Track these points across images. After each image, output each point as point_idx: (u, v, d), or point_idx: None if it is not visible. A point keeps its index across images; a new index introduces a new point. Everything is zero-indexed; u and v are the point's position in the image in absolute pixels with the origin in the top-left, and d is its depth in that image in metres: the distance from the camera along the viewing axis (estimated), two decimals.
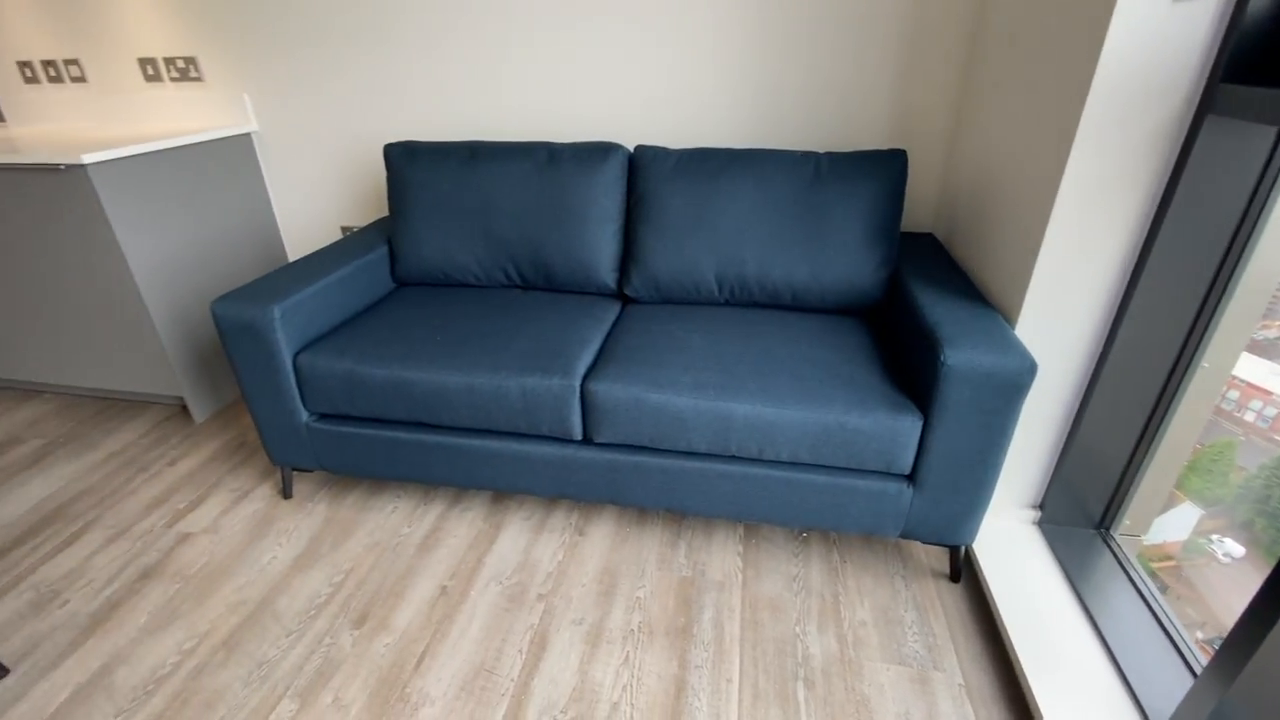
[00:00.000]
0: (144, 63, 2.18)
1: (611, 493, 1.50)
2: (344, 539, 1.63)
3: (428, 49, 1.98)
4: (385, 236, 1.90)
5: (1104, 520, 1.48)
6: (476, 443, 1.51)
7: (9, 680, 1.29)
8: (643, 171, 1.71)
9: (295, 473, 1.86)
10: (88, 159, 1.67)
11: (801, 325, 1.58)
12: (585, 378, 1.42)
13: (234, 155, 2.16)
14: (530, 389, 1.41)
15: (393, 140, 2.14)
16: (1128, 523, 1.46)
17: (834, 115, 1.84)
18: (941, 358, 1.19)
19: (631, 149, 1.95)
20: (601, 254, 1.75)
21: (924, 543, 1.41)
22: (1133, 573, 1.36)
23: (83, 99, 2.28)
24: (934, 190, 1.89)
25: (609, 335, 1.61)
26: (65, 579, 1.53)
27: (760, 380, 1.35)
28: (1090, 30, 1.10)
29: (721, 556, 1.54)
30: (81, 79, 2.25)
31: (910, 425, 1.26)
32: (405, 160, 1.81)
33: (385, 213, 2.30)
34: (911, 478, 1.33)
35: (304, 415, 1.57)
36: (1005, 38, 1.47)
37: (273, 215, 2.36)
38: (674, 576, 1.49)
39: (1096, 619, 1.27)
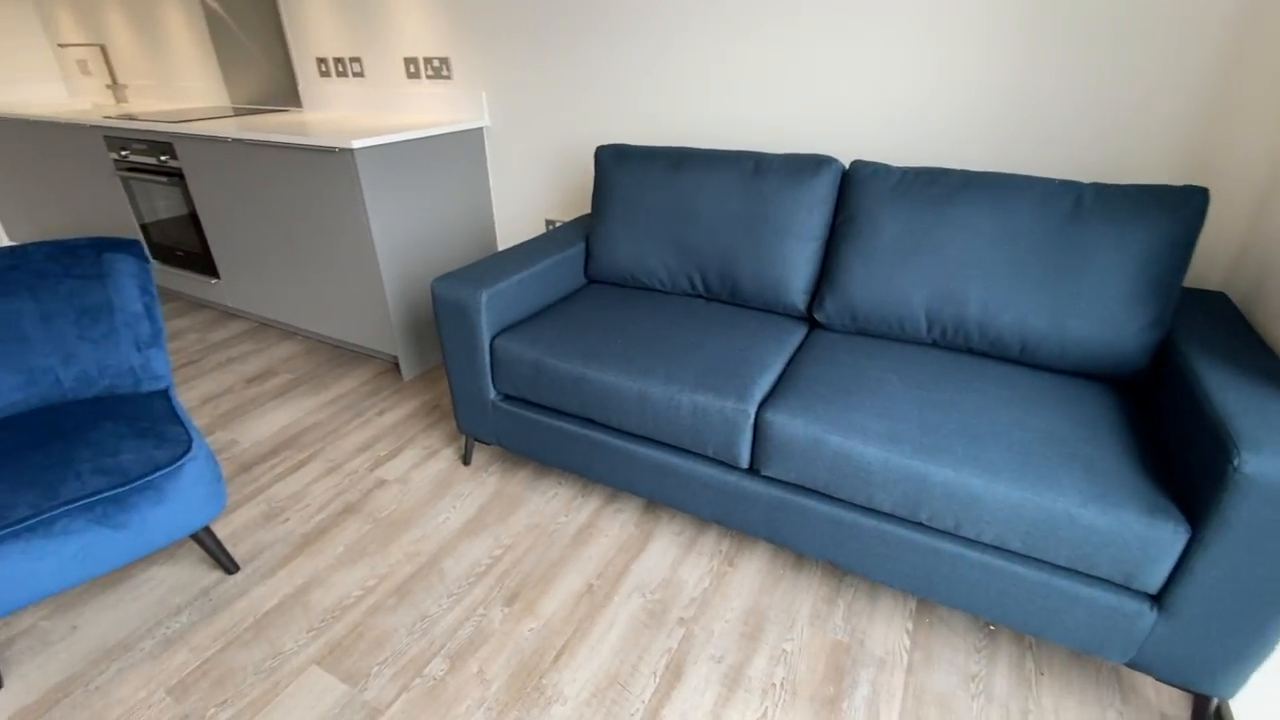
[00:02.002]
0: (408, 62, 2.48)
1: (770, 530, 1.40)
2: (508, 514, 1.72)
3: (645, 57, 2.00)
4: (584, 234, 1.97)
5: None
6: (641, 450, 1.49)
7: (237, 577, 1.54)
8: (857, 189, 1.56)
9: (476, 443, 2.01)
10: (356, 144, 1.93)
11: (1030, 384, 1.34)
12: (762, 405, 1.34)
13: (466, 147, 2.39)
14: (702, 407, 1.36)
15: (604, 142, 2.21)
16: None
17: (1106, 136, 1.53)
18: (1234, 461, 0.92)
19: (846, 164, 1.81)
20: (796, 273, 1.64)
21: (1159, 680, 1.12)
22: None
23: (358, 91, 2.67)
24: (1234, 239, 1.50)
25: (791, 361, 1.51)
26: (290, 499, 1.80)
27: (970, 444, 1.16)
28: None
29: (886, 629, 1.37)
30: (360, 74, 2.64)
31: (1170, 536, 1.00)
32: (614, 162, 1.85)
33: (587, 210, 2.40)
34: (1159, 599, 1.06)
35: (492, 393, 1.68)
36: None
37: (490, 203, 2.58)
38: (827, 637, 1.35)
39: None
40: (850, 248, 1.55)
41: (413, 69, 2.49)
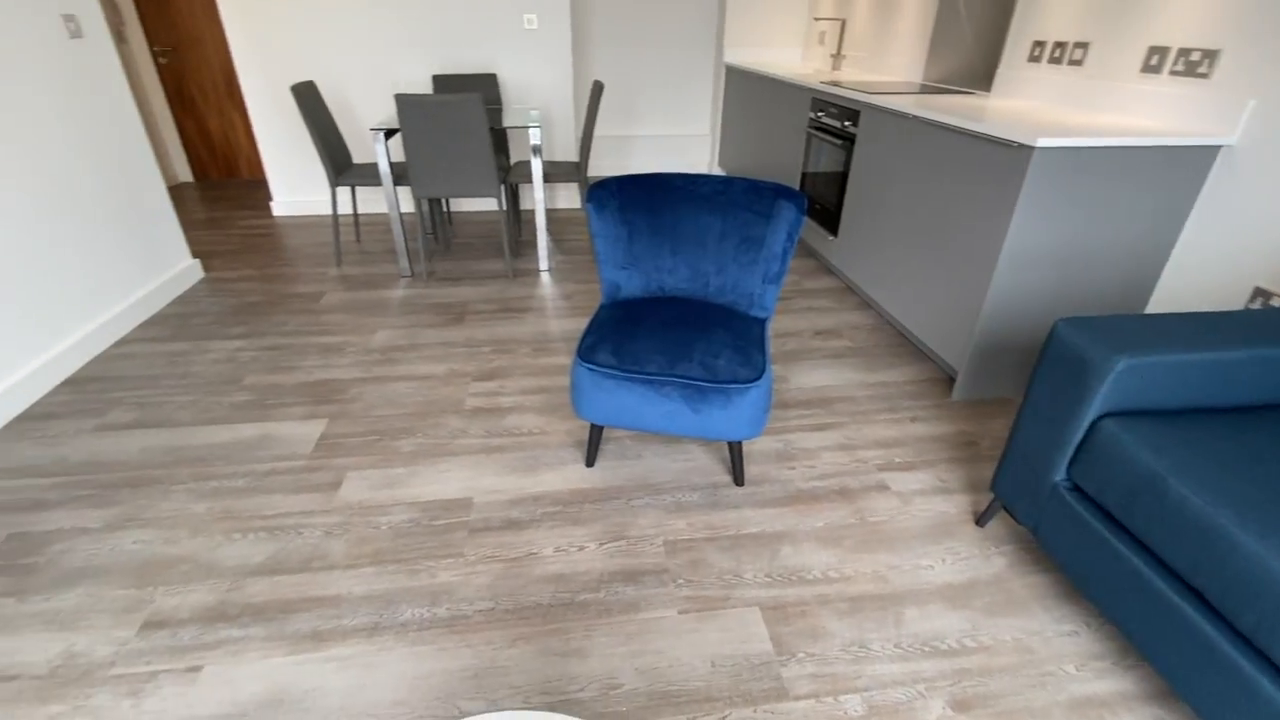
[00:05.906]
0: (1152, 51, 2.00)
1: None
2: (1000, 612, 1.41)
3: None
4: None
5: None
6: (1266, 681, 0.95)
7: (738, 491, 1.76)
8: None
9: (1002, 511, 1.70)
10: (1041, 142, 1.70)
11: None
12: None
13: (1183, 169, 1.83)
14: None
15: None
16: None
17: None
18: None
19: None
20: None
21: None
22: None
23: (1063, 81, 2.33)
24: None
25: None
26: (802, 453, 1.92)
27: None
28: None
29: None
30: (1078, 62, 2.29)
31: None
32: None
33: None
34: None
35: (1059, 475, 1.34)
36: None
37: (1170, 246, 1.96)
38: None
39: None
40: None
41: (1154, 61, 2.00)
